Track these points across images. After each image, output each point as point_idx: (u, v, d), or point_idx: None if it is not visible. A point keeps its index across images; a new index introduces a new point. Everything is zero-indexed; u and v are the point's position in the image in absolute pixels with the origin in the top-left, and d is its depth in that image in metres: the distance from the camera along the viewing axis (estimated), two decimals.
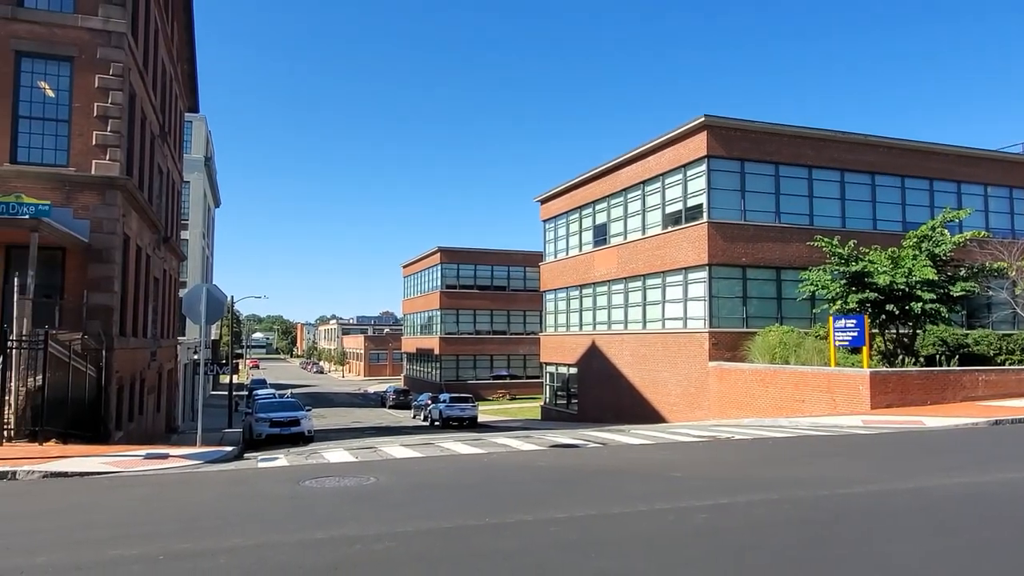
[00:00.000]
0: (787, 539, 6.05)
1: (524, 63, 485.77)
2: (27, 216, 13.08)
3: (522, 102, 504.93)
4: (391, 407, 55.17)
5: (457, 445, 14.67)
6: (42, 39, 17.20)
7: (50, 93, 17.31)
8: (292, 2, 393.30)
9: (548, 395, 40.83)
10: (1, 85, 16.41)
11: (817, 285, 23.06)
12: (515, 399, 60.45)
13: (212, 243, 58.64)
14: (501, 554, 5.60)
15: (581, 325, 36.00)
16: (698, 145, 26.54)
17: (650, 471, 10.21)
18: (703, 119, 25.96)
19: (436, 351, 63.99)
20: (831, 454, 11.58)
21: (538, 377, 54.97)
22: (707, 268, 25.81)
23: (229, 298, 16.04)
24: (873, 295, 21.38)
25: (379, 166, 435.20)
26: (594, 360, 33.99)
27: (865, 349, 19.99)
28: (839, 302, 22.22)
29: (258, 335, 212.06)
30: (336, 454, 13.49)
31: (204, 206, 49.88)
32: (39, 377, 13.56)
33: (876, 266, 21.81)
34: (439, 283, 64.07)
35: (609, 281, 32.88)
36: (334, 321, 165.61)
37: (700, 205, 26.54)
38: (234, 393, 42.50)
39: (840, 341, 20.49)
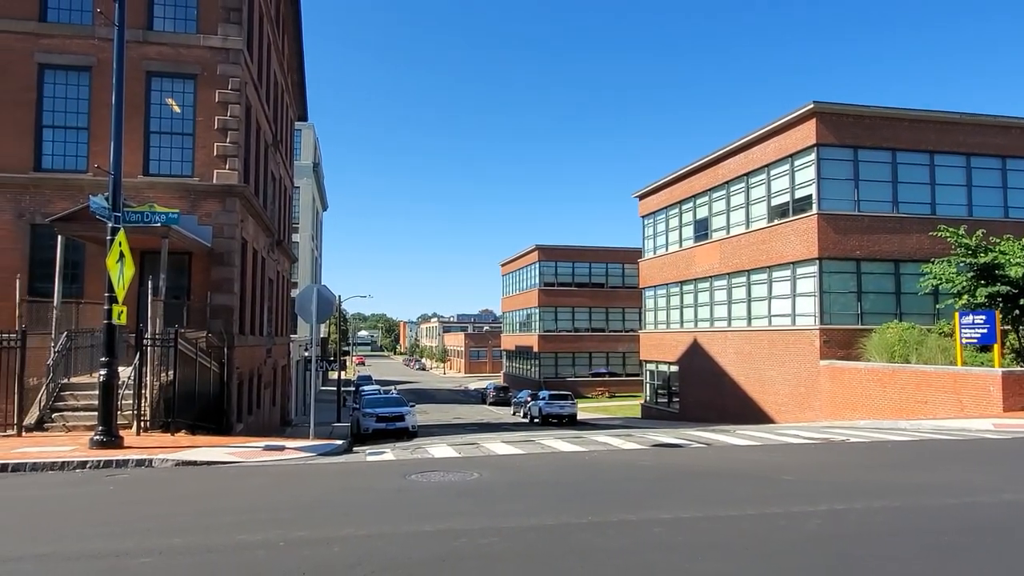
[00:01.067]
0: (910, 550, 5.70)
1: (624, 59, 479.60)
2: (159, 224, 14.14)
3: (621, 99, 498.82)
4: (491, 404, 55.96)
5: (558, 443, 14.70)
6: (169, 59, 18.55)
7: (176, 109, 18.64)
8: (393, 4, 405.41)
9: (648, 393, 40.21)
10: (134, 104, 17.78)
11: (941, 279, 21.56)
12: (614, 397, 59.92)
13: (320, 245, 61.41)
14: (605, 553, 5.57)
15: (682, 322, 35.23)
16: (806, 133, 25.38)
17: (758, 473, 9.87)
18: (812, 106, 24.79)
19: (535, 348, 64.33)
20: (958, 460, 10.80)
21: (638, 375, 54.24)
22: (817, 262, 24.64)
23: (337, 298, 16.79)
24: (1005, 288, 19.77)
25: (479, 165, 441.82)
26: (696, 358, 33.18)
27: (996, 347, 18.51)
28: (966, 296, 20.67)
29: (363, 333, 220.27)
30: (440, 450, 13.83)
31: (313, 210, 52.30)
32: (170, 372, 14.64)
33: (1008, 257, 20.15)
34: (537, 281, 64.35)
35: (711, 277, 31.99)
36: (435, 319, 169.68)
37: (809, 196, 25.38)
38: (342, 389, 44.32)
39: (967, 338, 19.05)
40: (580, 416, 39.32)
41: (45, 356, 14.76)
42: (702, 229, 33.42)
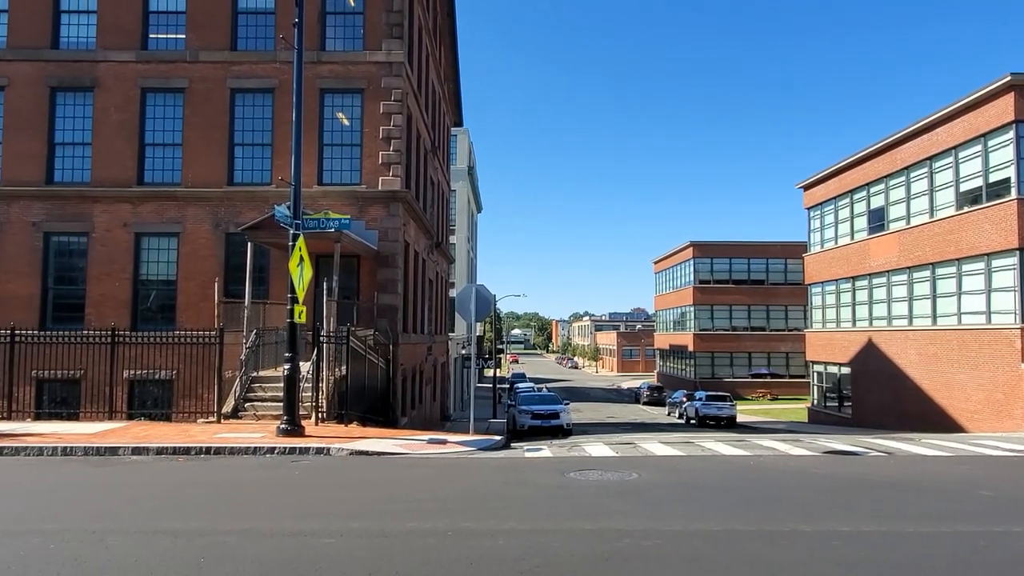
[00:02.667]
0: None
1: (782, 48, 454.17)
2: (333, 229, 15.24)
3: (781, 91, 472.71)
4: (645, 403, 55.05)
5: (718, 445, 14.17)
6: (339, 76, 19.94)
7: (346, 122, 19.99)
8: (541, 4, 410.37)
9: (816, 396, 37.74)
10: (310, 119, 19.27)
11: None
12: (777, 399, 56.82)
13: (475, 246, 63.43)
14: (776, 564, 5.28)
15: (854, 320, 32.71)
16: (1003, 109, 22.66)
17: (949, 487, 8.94)
18: (1009, 78, 22.11)
19: (690, 347, 62.48)
20: None
21: (803, 376, 51.09)
22: (1017, 253, 21.94)
23: (493, 297, 17.32)
24: None
25: (632, 162, 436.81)
26: (871, 359, 30.68)
27: None
28: None
29: (516, 331, 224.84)
30: (596, 448, 13.79)
31: (468, 212, 54.12)
32: (343, 368, 15.73)
33: None
34: (692, 278, 62.45)
35: (888, 271, 29.45)
36: (587, 318, 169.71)
37: (1007, 180, 22.65)
38: (497, 386, 45.46)
39: None
40: (739, 419, 37.63)
41: (238, 351, 16.38)
42: (877, 219, 30.82)
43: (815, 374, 37.71)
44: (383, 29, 20.03)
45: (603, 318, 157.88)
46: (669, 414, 45.09)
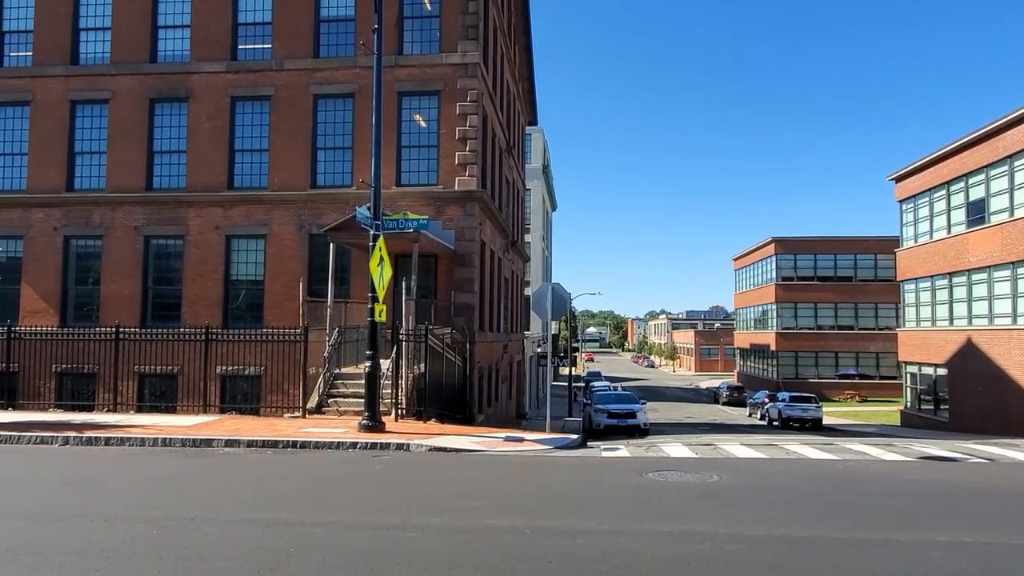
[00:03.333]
0: None
1: (867, 41, 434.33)
2: (411, 230, 15.56)
3: (864, 83, 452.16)
4: (724, 404, 53.76)
5: (804, 448, 13.69)
6: (416, 79, 20.32)
7: (423, 124, 20.35)
8: (614, 3, 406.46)
9: (909, 398, 35.91)
10: (388, 122, 19.70)
11: None
12: (865, 401, 54.38)
13: (550, 244, 63.42)
14: (868, 574, 5.06)
15: (951, 319, 30.94)
16: None
17: None
18: None
19: (772, 347, 60.58)
20: None
21: (894, 377, 48.75)
22: None
23: (569, 295, 17.24)
24: None
25: (711, 159, 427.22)
26: (970, 359, 28.95)
27: None
28: None
29: (591, 330, 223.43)
30: (674, 448, 13.56)
31: (543, 210, 54.15)
32: (421, 365, 16.03)
33: None
34: (774, 275, 60.51)
35: (990, 267, 27.71)
36: (663, 316, 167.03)
37: None
38: (572, 384, 45.34)
39: None
40: (825, 421, 36.18)
41: (321, 349, 16.93)
42: (977, 212, 29.03)
43: (908, 375, 35.88)
44: (459, 31, 20.29)
45: (680, 316, 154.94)
46: (750, 415, 43.85)
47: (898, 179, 36.12)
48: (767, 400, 40.29)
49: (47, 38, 21.70)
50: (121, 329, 17.06)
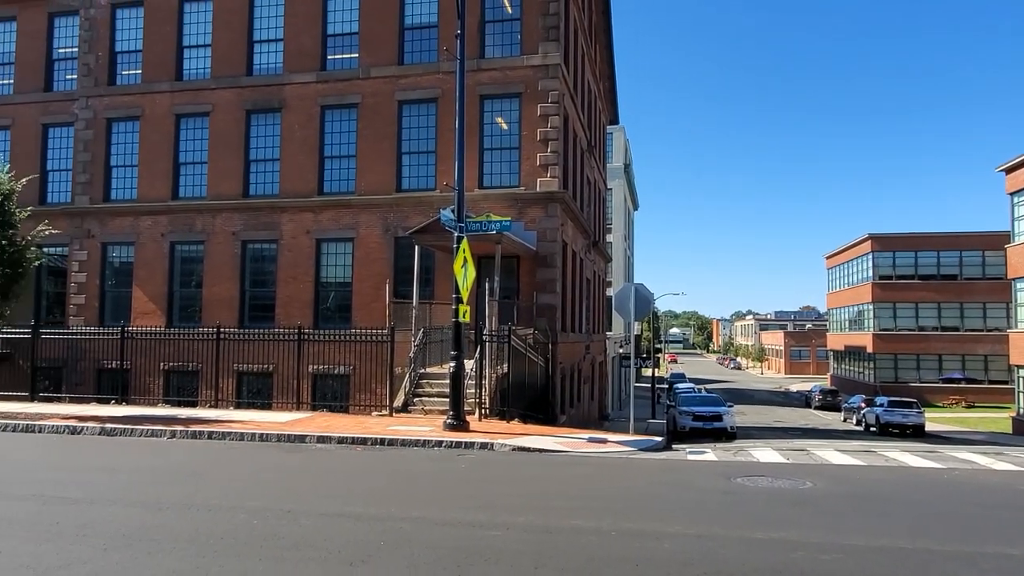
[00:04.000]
0: None
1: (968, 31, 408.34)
2: (494, 231, 15.73)
3: (962, 76, 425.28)
4: (816, 408, 51.68)
5: (904, 455, 13.00)
6: (498, 82, 20.53)
7: (504, 126, 20.54)
8: (699, 2, 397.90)
9: (1022, 404, 33.50)
10: (471, 125, 19.97)
11: None
12: (973, 407, 51.07)
13: (632, 244, 62.67)
14: None
15: None
16: None
17: None
18: None
19: (868, 348, 57.76)
20: None
21: (1005, 382, 45.63)
22: None
23: (652, 295, 16.97)
24: None
25: (797, 157, 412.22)
26: None
27: None
28: None
29: (675, 331, 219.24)
30: (764, 453, 13.15)
31: (624, 210, 53.58)
32: (504, 365, 16.16)
33: None
34: (870, 273, 57.69)
35: None
36: (750, 316, 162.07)
37: None
38: (655, 386, 44.65)
39: None
40: (928, 427, 34.18)
41: (406, 349, 17.33)
42: None
43: (1021, 379, 33.47)
44: (539, 33, 20.36)
45: (768, 317, 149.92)
46: (845, 420, 41.97)
47: (1008, 170, 33.77)
48: (863, 404, 38.47)
49: (154, 57, 23.15)
50: (222, 329, 17.98)
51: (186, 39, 23.10)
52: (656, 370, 51.38)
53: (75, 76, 23.86)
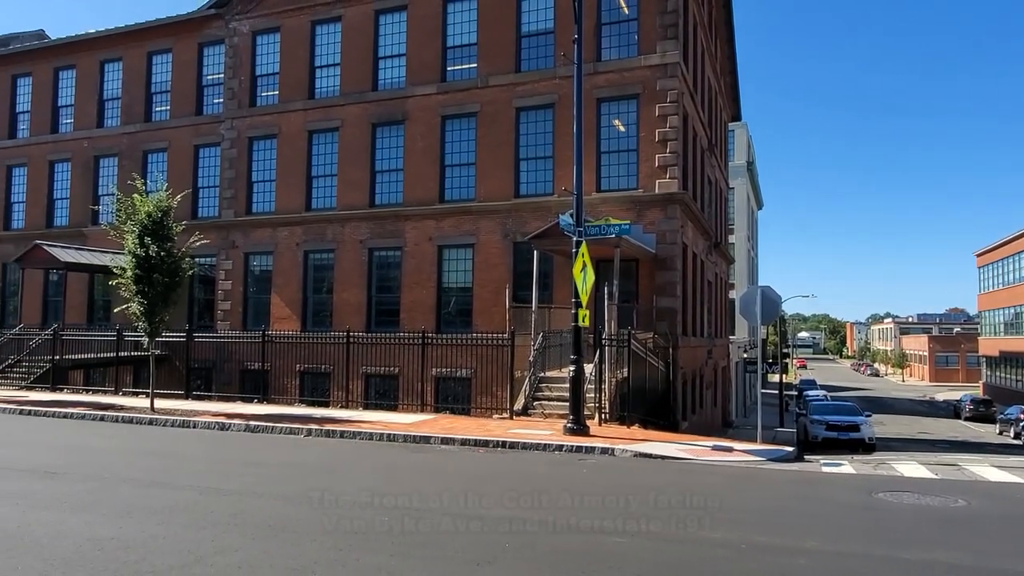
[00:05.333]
0: None
1: None
2: (613, 235, 15.61)
3: None
4: (967, 419, 47.43)
5: None
6: (614, 84, 20.36)
7: (622, 128, 20.33)
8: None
9: None
10: (587, 129, 19.89)
11: None
12: None
13: (756, 245, 60.22)
14: None
15: None
16: None
17: None
18: None
19: None
20: None
21: None
22: None
23: (779, 298, 16.18)
24: None
25: (943, 148, 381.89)
26: None
27: None
28: None
29: (803, 335, 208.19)
30: (908, 467, 12.22)
31: (747, 210, 51.62)
32: (624, 370, 15.97)
33: None
34: None
35: None
36: (889, 320, 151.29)
37: None
38: (783, 393, 42.62)
39: None
40: None
41: (525, 353, 17.48)
42: None
43: None
44: (657, 32, 20.01)
45: (909, 320, 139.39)
46: (1000, 433, 38.27)
47: None
48: (1022, 416, 34.94)
49: (290, 78, 24.73)
50: (351, 333, 18.89)
51: (318, 60, 24.51)
52: (784, 376, 49.00)
53: (221, 100, 25.90)
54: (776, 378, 49.57)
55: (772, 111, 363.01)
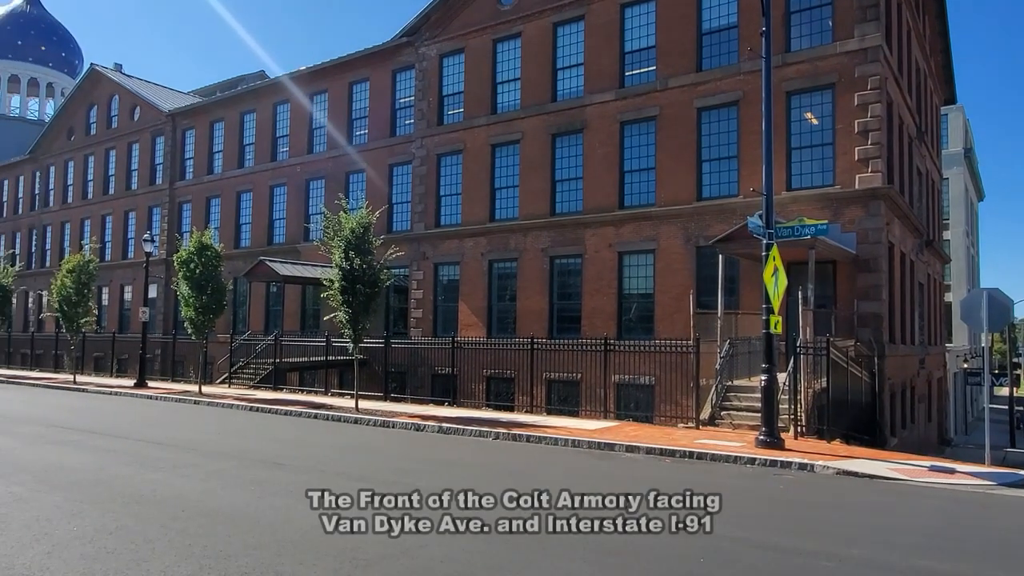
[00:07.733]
0: None
1: None
2: (808, 236, 14.63)
3: None
4: None
5: None
6: (806, 75, 19.10)
7: (815, 121, 19.01)
8: None
9: None
10: (776, 124, 18.73)
11: None
12: None
13: (977, 241, 53.54)
14: None
15: None
16: None
17: None
18: None
19: None
20: None
21: None
22: None
23: (1011, 302, 14.15)
24: None
25: None
26: None
27: None
28: None
29: None
30: None
31: (965, 202, 46.10)
32: (822, 380, 14.85)
33: None
34: None
35: None
36: None
37: None
38: (1014, 407, 37.43)
39: None
40: None
41: (710, 360, 16.84)
42: None
43: None
44: (854, 14, 18.49)
45: None
46: None
47: None
48: None
49: (473, 96, 25.91)
50: (534, 340, 19.34)
51: (499, 75, 25.46)
52: (1016, 389, 42.97)
53: (411, 121, 27.74)
54: (1005, 391, 43.61)
55: (996, 89, 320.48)
